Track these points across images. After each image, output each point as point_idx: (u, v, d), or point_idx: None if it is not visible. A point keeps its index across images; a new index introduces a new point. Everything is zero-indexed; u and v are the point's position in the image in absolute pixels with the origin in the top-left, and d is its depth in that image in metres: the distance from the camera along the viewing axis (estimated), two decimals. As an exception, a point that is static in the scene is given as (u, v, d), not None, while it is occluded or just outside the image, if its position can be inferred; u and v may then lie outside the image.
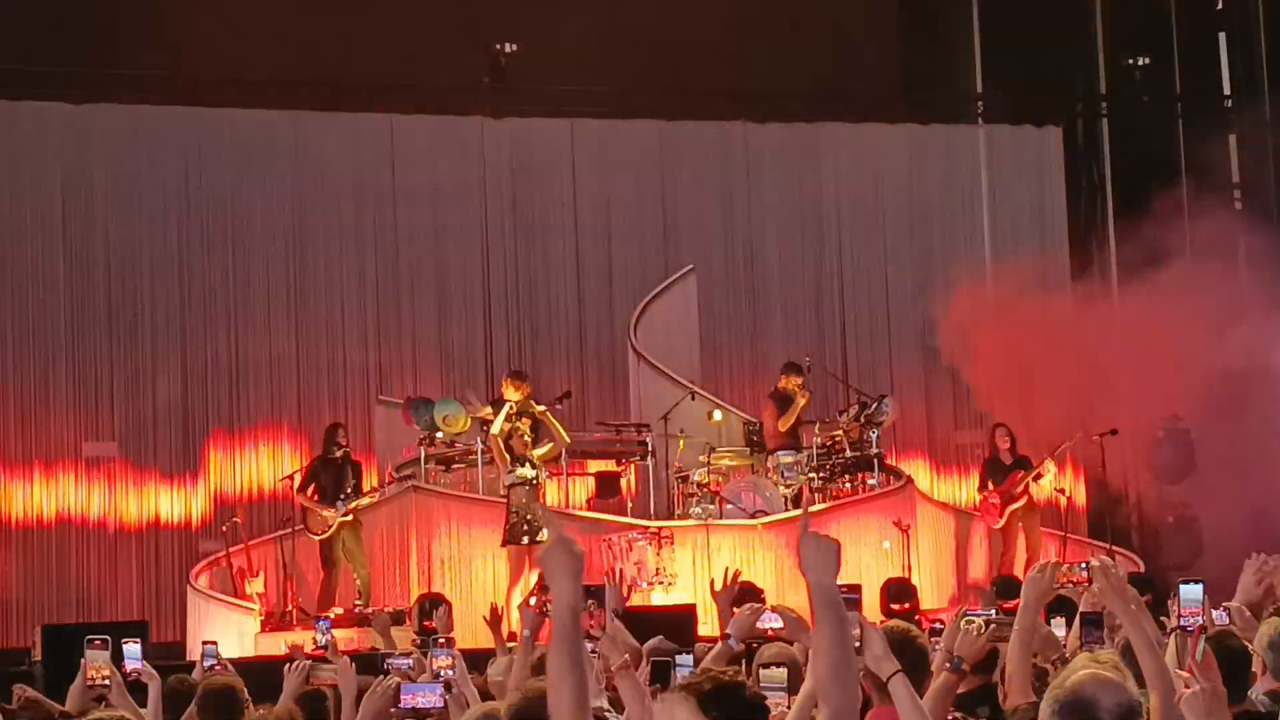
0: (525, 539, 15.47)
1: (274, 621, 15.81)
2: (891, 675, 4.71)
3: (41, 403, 18.02)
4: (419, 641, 14.47)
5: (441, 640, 6.49)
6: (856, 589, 4.84)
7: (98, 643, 6.32)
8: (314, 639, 7.84)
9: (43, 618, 16.85)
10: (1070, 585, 5.90)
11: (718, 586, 8.30)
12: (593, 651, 6.81)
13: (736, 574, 8.87)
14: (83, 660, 6.28)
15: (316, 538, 16.10)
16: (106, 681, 6.26)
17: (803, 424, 17.26)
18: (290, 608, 16.03)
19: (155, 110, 18.64)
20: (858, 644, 4.66)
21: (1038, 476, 17.75)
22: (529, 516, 15.46)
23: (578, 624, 4.38)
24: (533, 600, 11.30)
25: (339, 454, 16.22)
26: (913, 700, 4.72)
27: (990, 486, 17.55)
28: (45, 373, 18.07)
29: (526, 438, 15.74)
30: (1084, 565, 5.83)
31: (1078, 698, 4.47)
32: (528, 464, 15.67)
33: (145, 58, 18.39)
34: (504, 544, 15.74)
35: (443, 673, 6.12)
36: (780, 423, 17.04)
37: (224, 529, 16.97)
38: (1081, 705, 4.41)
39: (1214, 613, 6.90)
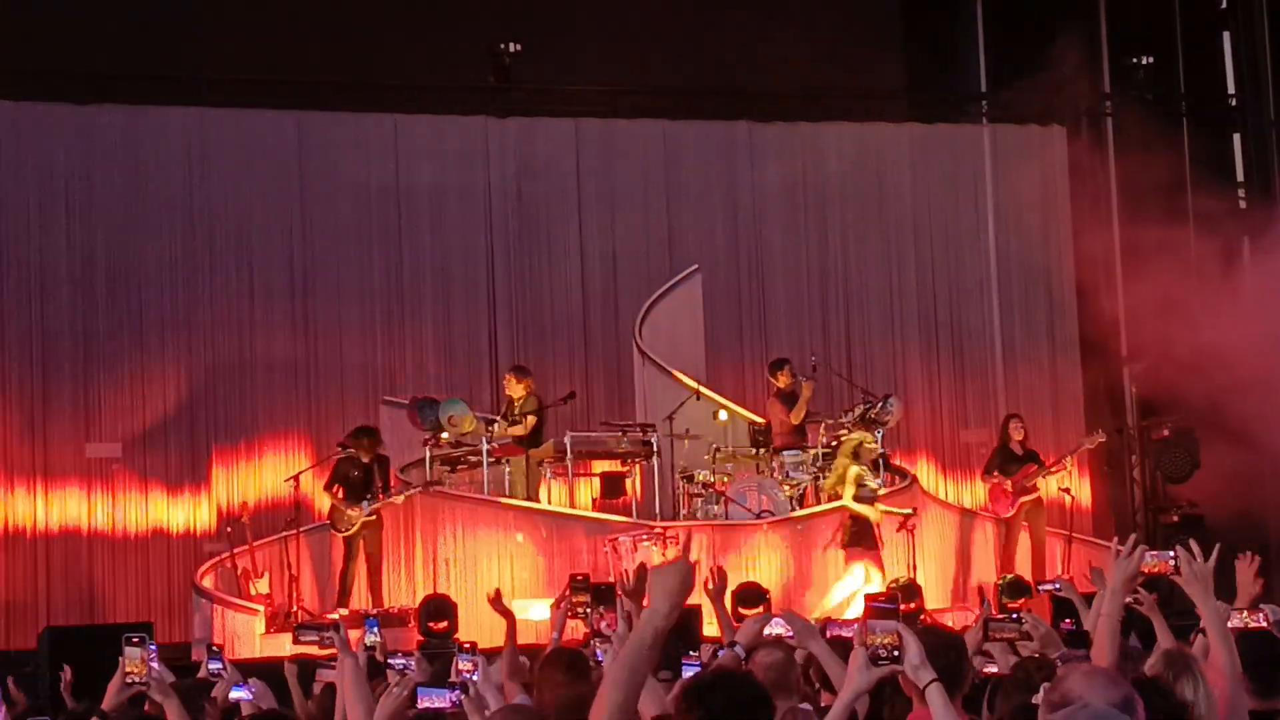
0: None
1: (279, 622, 15.79)
2: (928, 684, 4.68)
3: (45, 406, 17.99)
4: (424, 642, 14.50)
5: (466, 644, 6.48)
6: (895, 598, 4.82)
7: (136, 640, 6.35)
8: (362, 639, 7.81)
9: (46, 620, 16.84)
10: (1159, 574, 5.86)
11: (710, 585, 8.31)
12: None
13: (722, 570, 8.89)
14: (121, 658, 6.32)
15: (340, 534, 16.12)
16: (144, 679, 6.28)
17: (810, 420, 17.25)
18: (295, 609, 16.01)
19: (159, 110, 18.61)
20: (897, 652, 4.64)
21: (1055, 472, 17.75)
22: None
23: (658, 644, 4.47)
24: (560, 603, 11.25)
25: (368, 455, 16.20)
26: (948, 709, 4.70)
27: (997, 475, 17.55)
28: (49, 377, 18.04)
29: None
30: (1172, 554, 5.79)
31: (1065, 698, 4.47)
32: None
33: (149, 57, 18.37)
34: (844, 545, 16.11)
35: (465, 676, 6.11)
36: (792, 416, 17.03)
37: (228, 529, 16.96)
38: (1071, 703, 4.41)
39: (1271, 608, 6.91)
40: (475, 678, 6.17)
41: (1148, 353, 19.51)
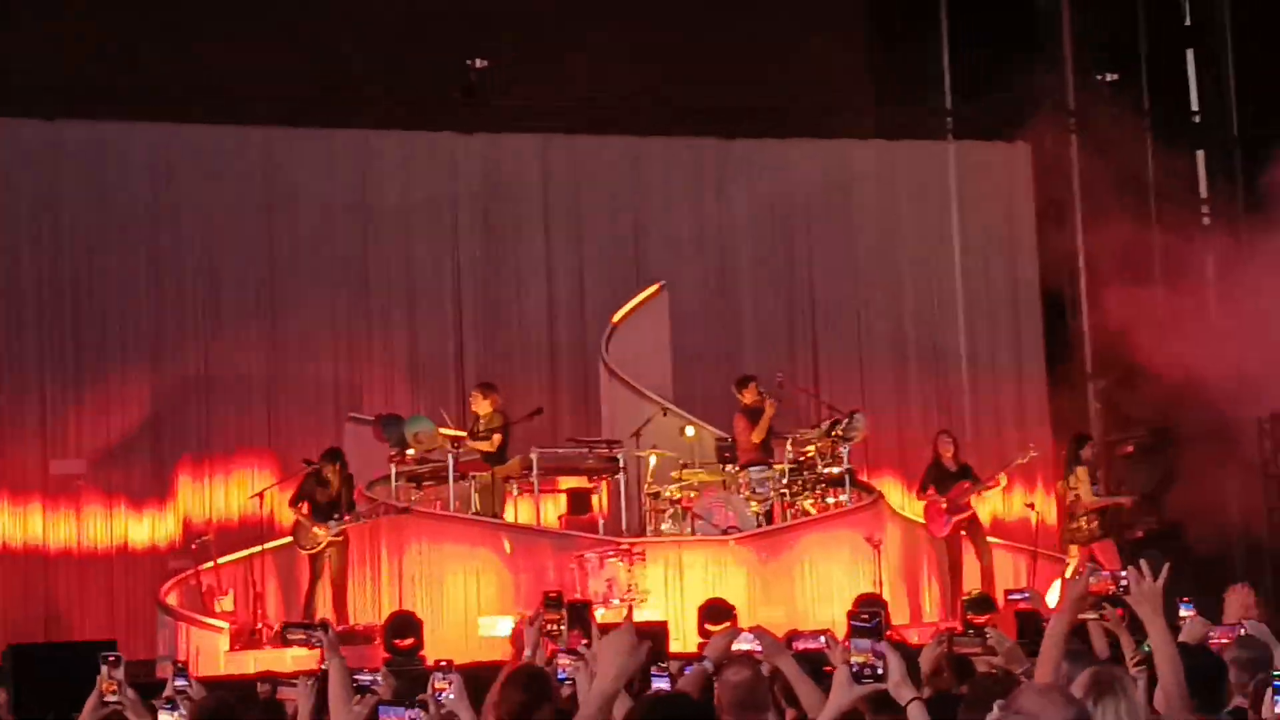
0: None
1: (243, 640, 15.73)
2: (910, 701, 4.68)
3: (8, 422, 17.91)
4: (390, 659, 14.47)
5: (442, 662, 6.47)
6: (878, 615, 4.81)
7: (111, 659, 6.35)
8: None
9: (8, 638, 16.71)
10: (1107, 593, 5.88)
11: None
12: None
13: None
14: (98, 676, 6.31)
15: (305, 552, 16.07)
16: (118, 698, 6.28)
17: (775, 436, 17.26)
18: (260, 626, 15.96)
19: (125, 126, 18.56)
20: (880, 670, 4.64)
21: (989, 488, 17.78)
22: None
23: (607, 709, 4.66)
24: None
25: (335, 477, 16.14)
26: None
27: (932, 492, 17.57)
28: (12, 392, 17.96)
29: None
30: (1123, 574, 5.81)
31: (1019, 715, 4.49)
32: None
33: (115, 73, 18.31)
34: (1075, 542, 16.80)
35: (440, 695, 6.11)
36: (754, 434, 17.04)
37: (193, 547, 16.91)
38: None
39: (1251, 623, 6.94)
40: (451, 696, 6.16)
41: (1112, 369, 19.61)
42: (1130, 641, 7.47)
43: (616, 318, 18.58)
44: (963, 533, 17.48)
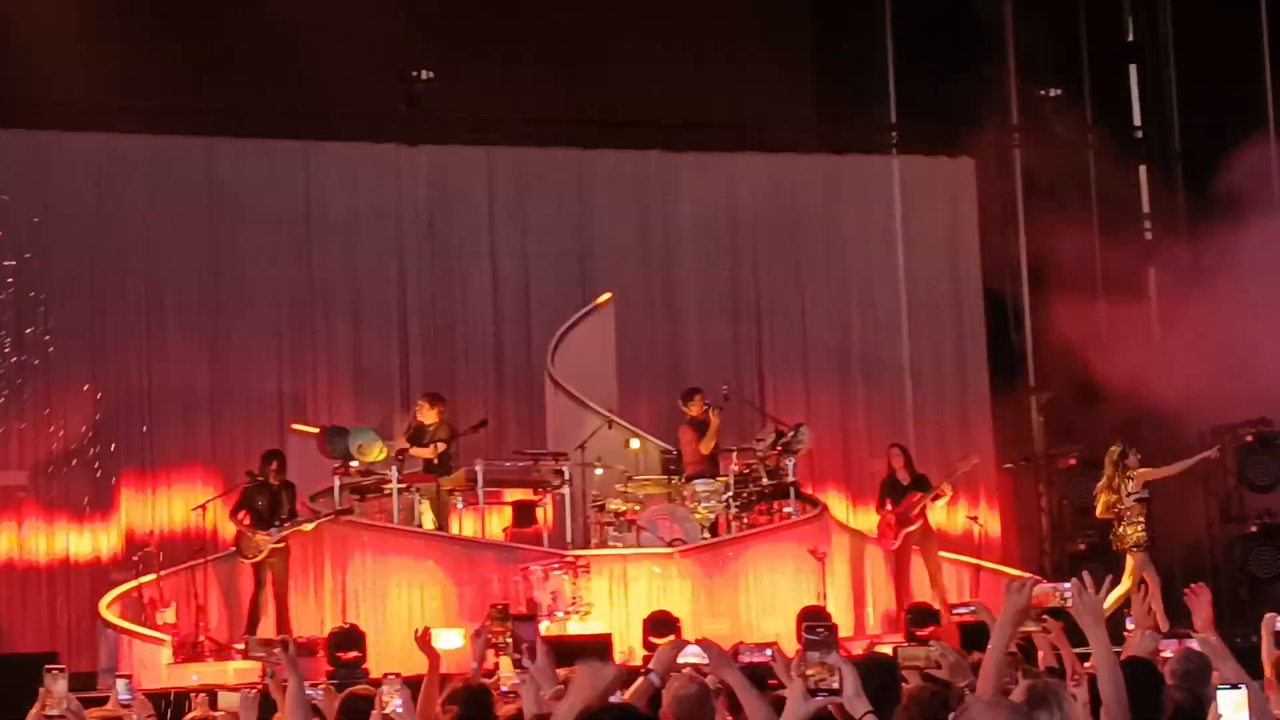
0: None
1: (186, 652, 15.64)
2: (864, 715, 4.68)
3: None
4: (333, 672, 14.41)
5: (390, 676, 6.46)
6: (834, 628, 4.80)
7: (55, 670, 6.29)
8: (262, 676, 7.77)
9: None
10: (1048, 606, 5.90)
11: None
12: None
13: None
14: (42, 688, 6.26)
15: (247, 561, 16.00)
16: (63, 710, 6.22)
17: (721, 451, 17.29)
18: (202, 638, 15.88)
19: (67, 136, 18.45)
20: (837, 683, 4.65)
21: (935, 498, 17.81)
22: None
23: None
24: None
25: (275, 480, 16.12)
26: None
27: (889, 504, 17.63)
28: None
29: None
30: (1067, 585, 5.83)
31: None
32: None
33: (56, 83, 18.19)
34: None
35: (391, 706, 6.12)
36: (702, 446, 17.07)
37: (135, 558, 16.81)
38: None
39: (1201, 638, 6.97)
40: (400, 709, 6.16)
41: (1055, 381, 19.71)
42: (1071, 653, 7.51)
43: (562, 329, 18.57)
44: (914, 546, 17.47)
